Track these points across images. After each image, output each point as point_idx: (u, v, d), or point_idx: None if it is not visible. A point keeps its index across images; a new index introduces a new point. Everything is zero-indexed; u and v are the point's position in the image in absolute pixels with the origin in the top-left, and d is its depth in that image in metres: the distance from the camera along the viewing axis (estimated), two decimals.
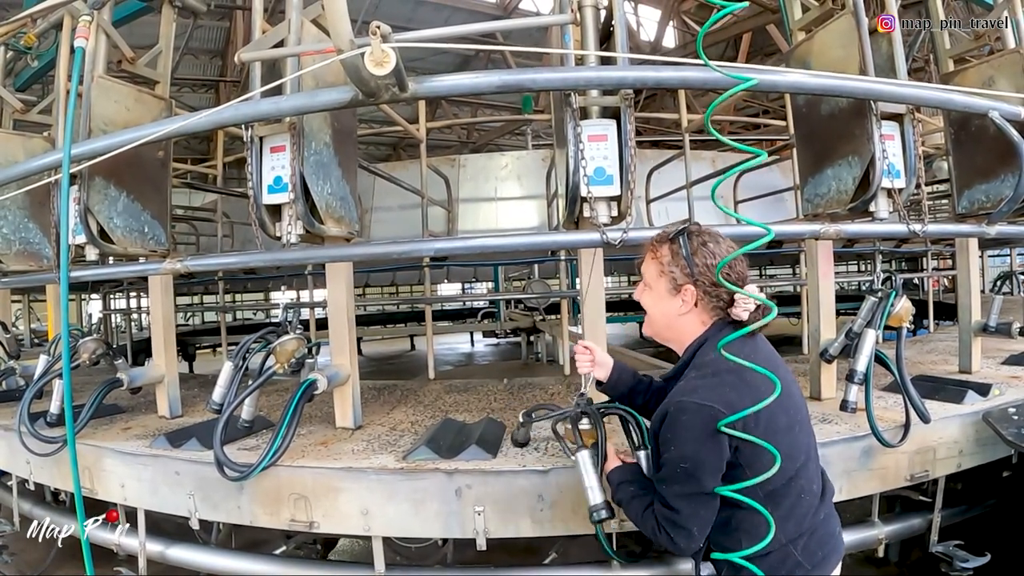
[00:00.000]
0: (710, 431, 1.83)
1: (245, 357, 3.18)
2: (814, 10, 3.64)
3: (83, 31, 2.87)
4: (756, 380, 1.83)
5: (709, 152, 10.09)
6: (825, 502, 2.10)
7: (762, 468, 1.83)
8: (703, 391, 1.88)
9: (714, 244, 2.01)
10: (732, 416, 1.79)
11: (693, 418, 1.85)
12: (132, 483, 3.27)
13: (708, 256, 1.98)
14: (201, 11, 4.43)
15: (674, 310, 2.07)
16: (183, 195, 9.31)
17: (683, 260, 2.02)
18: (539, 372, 9.36)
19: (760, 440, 1.80)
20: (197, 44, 15.39)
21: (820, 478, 2.11)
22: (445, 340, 17.15)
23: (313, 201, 3.02)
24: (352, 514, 2.84)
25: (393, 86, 2.45)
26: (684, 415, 1.87)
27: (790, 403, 1.93)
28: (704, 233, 2.05)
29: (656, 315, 2.15)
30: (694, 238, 2.03)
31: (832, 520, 2.13)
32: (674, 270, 2.04)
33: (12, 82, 5.54)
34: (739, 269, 1.98)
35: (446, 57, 16.32)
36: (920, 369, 4.34)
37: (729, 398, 1.83)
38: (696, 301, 2.03)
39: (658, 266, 2.09)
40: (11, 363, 4.81)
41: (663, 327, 2.15)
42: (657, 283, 2.10)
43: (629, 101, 2.90)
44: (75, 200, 3.41)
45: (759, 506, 1.84)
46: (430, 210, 6.37)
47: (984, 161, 3.73)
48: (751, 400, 1.79)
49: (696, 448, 1.86)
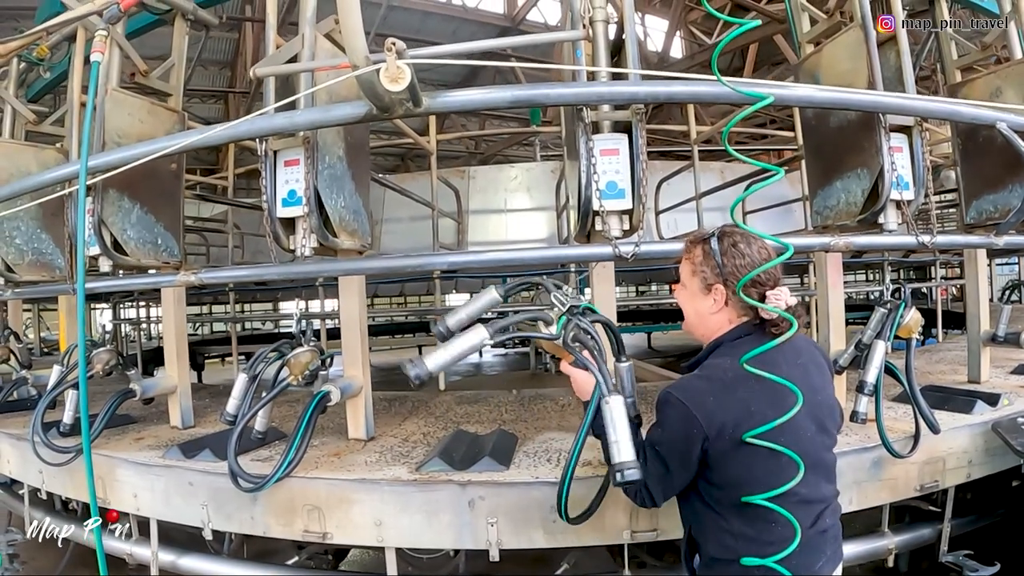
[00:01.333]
0: (680, 430, 1.95)
1: (259, 368, 3.20)
2: (823, 23, 3.66)
3: (99, 45, 2.90)
4: (748, 397, 1.90)
5: (717, 163, 10.09)
6: (818, 526, 2.03)
7: (731, 480, 1.95)
8: (690, 392, 1.99)
9: (745, 245, 2.04)
10: (705, 425, 1.90)
11: (672, 412, 1.98)
12: (145, 493, 3.30)
13: (737, 256, 2.03)
14: (213, 24, 4.46)
15: (706, 309, 2.12)
16: (194, 206, 9.35)
17: (713, 260, 2.06)
18: (548, 383, 9.32)
19: (720, 453, 1.92)
20: (207, 55, 15.43)
21: (819, 506, 2.05)
22: None
23: (327, 214, 3.05)
24: (365, 525, 2.85)
25: (407, 101, 2.47)
26: (666, 406, 2.01)
27: (787, 427, 1.89)
28: (736, 234, 2.08)
29: (690, 313, 2.21)
30: (725, 239, 2.07)
31: (818, 548, 2.05)
32: (705, 270, 2.09)
33: (24, 93, 5.58)
34: (771, 272, 2.00)
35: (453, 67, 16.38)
36: (929, 379, 4.35)
37: (709, 407, 1.92)
38: (727, 300, 2.07)
39: (691, 266, 2.15)
40: (23, 373, 4.85)
41: (697, 324, 2.20)
42: (691, 282, 2.16)
43: (641, 116, 2.92)
44: (89, 212, 3.43)
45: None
46: (440, 222, 6.41)
47: (992, 171, 3.74)
48: (733, 415, 1.89)
49: (669, 438, 2.00)
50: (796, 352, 2.08)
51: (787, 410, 1.85)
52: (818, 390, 2.07)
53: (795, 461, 1.86)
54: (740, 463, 1.92)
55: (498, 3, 16.99)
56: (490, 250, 3.25)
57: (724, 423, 1.90)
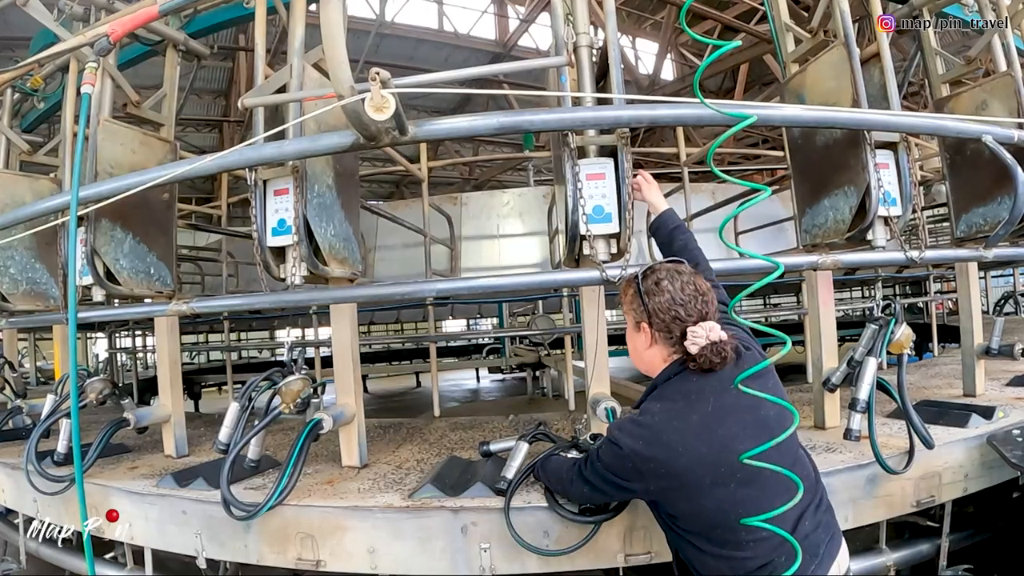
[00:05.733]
0: (616, 466, 2.10)
1: (251, 397, 3.19)
2: (807, 42, 3.71)
3: (89, 77, 2.92)
4: (675, 440, 1.97)
5: (709, 184, 10.13)
6: (798, 533, 1.99)
7: (683, 513, 2.05)
8: (625, 433, 2.07)
9: (669, 282, 2.11)
10: (634, 465, 2.03)
11: (609, 449, 2.11)
12: (139, 522, 3.28)
13: (658, 294, 2.11)
14: (205, 55, 4.50)
15: (640, 345, 2.21)
16: (188, 235, 9.38)
17: (638, 299, 2.15)
18: (545, 407, 9.33)
19: (661, 491, 2.06)
20: (201, 84, 15.53)
21: (793, 516, 2.01)
22: (450, 376, 17.05)
23: (317, 243, 3.06)
24: (358, 552, 2.84)
25: (393, 130, 2.48)
26: (609, 442, 2.13)
27: (724, 459, 1.94)
28: (661, 271, 2.17)
29: (630, 349, 2.29)
30: (649, 277, 2.16)
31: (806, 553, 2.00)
32: (634, 308, 2.19)
33: (18, 123, 5.62)
34: (696, 306, 2.08)
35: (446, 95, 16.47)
36: (924, 394, 4.34)
37: (638, 449, 2.01)
38: (653, 337, 2.14)
39: (625, 305, 2.25)
40: (18, 402, 4.84)
41: (636, 360, 2.29)
42: (628, 318, 2.26)
43: (626, 139, 2.93)
44: (82, 242, 3.46)
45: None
46: (433, 248, 6.42)
47: (980, 184, 3.78)
48: (662, 455, 1.97)
49: (604, 472, 2.15)
50: (726, 380, 2.02)
51: (722, 442, 1.94)
52: (757, 407, 2.00)
53: (744, 485, 1.93)
54: (687, 499, 2.00)
55: (490, 30, 17.11)
56: (481, 276, 3.25)
57: (655, 467, 1.99)
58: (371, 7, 14.49)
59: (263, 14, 3.36)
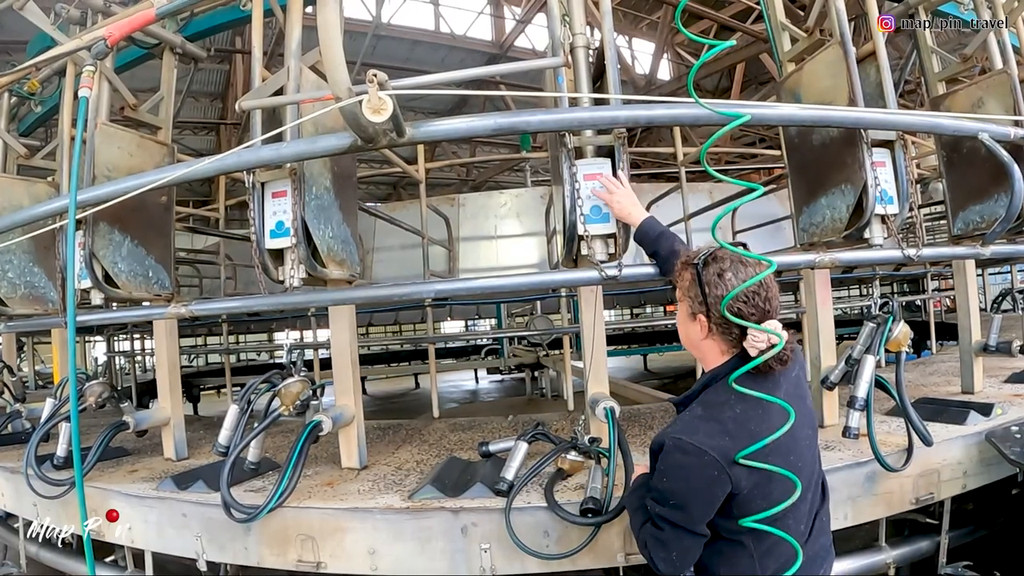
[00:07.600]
0: (702, 477, 1.83)
1: (250, 399, 3.20)
2: (803, 41, 3.70)
3: (87, 81, 2.92)
4: (758, 429, 1.81)
5: (706, 184, 10.12)
6: (810, 544, 2.02)
7: (748, 511, 1.85)
8: (702, 435, 1.85)
9: (732, 274, 1.91)
10: (725, 463, 1.80)
11: (687, 459, 1.84)
12: (139, 525, 3.29)
13: (721, 287, 1.90)
14: (201, 57, 4.50)
15: (695, 335, 2.01)
16: (186, 238, 9.35)
17: (697, 288, 1.96)
18: (544, 408, 9.33)
19: (744, 490, 1.84)
20: (198, 87, 15.51)
21: (810, 520, 2.05)
22: (449, 377, 17.05)
23: (315, 245, 3.06)
24: (359, 554, 2.84)
25: (391, 131, 2.48)
26: (679, 454, 1.86)
27: (792, 446, 1.88)
28: (726, 260, 1.94)
29: (682, 335, 2.12)
30: (711, 267, 1.94)
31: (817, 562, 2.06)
32: (690, 297, 1.99)
33: (16, 127, 5.61)
34: (757, 303, 1.89)
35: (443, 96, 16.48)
36: (923, 391, 4.35)
37: (724, 446, 1.81)
38: (710, 329, 1.96)
39: (680, 290, 2.06)
40: (17, 406, 4.84)
41: (688, 345, 2.11)
42: (681, 304, 2.06)
43: (623, 140, 2.93)
44: (80, 245, 3.45)
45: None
46: (431, 249, 6.41)
47: (977, 182, 3.78)
48: (746, 447, 1.79)
49: (686, 488, 1.87)
50: (790, 388, 1.98)
51: (792, 441, 1.86)
52: (805, 396, 2.04)
53: (793, 481, 1.81)
54: (765, 495, 1.86)
55: (486, 30, 17.11)
56: (479, 277, 3.24)
57: (740, 455, 1.81)
58: (367, 8, 14.52)
59: (260, 16, 3.36)
